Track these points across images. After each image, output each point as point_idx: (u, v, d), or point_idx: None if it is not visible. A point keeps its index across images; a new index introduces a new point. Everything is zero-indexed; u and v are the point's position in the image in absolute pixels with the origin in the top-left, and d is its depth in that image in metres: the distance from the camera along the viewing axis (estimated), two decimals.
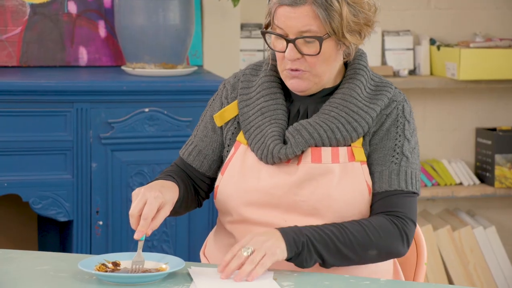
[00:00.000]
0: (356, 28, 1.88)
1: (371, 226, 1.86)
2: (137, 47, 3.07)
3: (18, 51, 3.23)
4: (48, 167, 2.90)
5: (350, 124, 1.91)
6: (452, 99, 3.85)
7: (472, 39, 3.80)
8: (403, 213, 1.89)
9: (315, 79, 1.92)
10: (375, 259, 1.89)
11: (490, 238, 3.77)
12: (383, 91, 1.95)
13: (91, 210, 2.93)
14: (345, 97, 1.93)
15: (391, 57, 3.73)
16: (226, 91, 2.04)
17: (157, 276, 1.77)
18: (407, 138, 1.94)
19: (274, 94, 1.97)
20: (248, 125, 1.97)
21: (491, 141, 3.77)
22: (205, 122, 2.06)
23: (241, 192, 1.94)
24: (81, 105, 2.90)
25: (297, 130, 1.92)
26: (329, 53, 1.89)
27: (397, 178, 1.91)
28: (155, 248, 2.97)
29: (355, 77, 1.95)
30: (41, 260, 1.89)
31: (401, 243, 1.88)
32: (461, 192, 3.73)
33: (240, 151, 1.97)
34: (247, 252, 1.76)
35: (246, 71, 2.03)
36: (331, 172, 1.90)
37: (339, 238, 1.83)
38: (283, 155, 1.91)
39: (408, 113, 1.96)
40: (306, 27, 1.86)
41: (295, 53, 1.88)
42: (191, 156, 2.05)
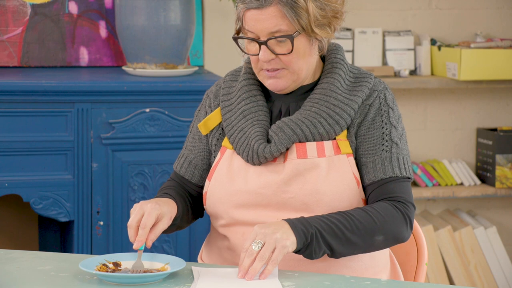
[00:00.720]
0: (325, 22, 1.90)
1: (375, 211, 1.87)
2: (138, 47, 3.07)
3: (19, 51, 3.23)
4: (49, 168, 2.90)
5: (332, 117, 1.92)
6: (453, 100, 3.85)
7: (473, 39, 3.80)
8: (403, 197, 1.91)
9: (293, 76, 1.93)
10: (381, 245, 1.89)
11: (491, 238, 3.77)
12: (363, 82, 1.96)
13: (91, 210, 2.93)
14: (324, 91, 1.95)
15: (392, 57, 3.73)
16: (209, 99, 2.06)
17: (158, 276, 1.77)
18: (394, 125, 1.95)
19: (255, 97, 1.99)
20: (231, 130, 1.98)
21: (492, 142, 3.77)
22: (193, 133, 2.07)
23: (230, 195, 1.94)
24: (82, 105, 2.90)
25: (279, 128, 1.93)
26: (302, 49, 1.90)
27: (390, 165, 1.92)
28: (155, 248, 2.96)
29: (333, 71, 1.96)
30: (42, 260, 1.89)
31: (405, 227, 1.89)
32: (462, 192, 3.73)
33: (226, 156, 1.98)
34: (257, 246, 1.77)
35: (226, 78, 2.05)
36: (318, 166, 1.91)
37: (346, 226, 1.84)
38: (268, 154, 1.91)
39: (390, 101, 1.97)
40: (275, 28, 1.88)
41: (268, 54, 1.90)
42: (183, 168, 2.06)
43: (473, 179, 3.79)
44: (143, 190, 2.97)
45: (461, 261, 3.71)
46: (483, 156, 3.83)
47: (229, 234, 1.97)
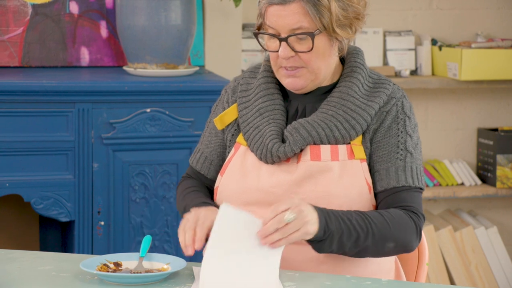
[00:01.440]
0: (346, 22, 1.89)
1: (391, 217, 1.87)
2: (138, 48, 3.07)
3: (20, 51, 3.23)
4: (49, 168, 2.90)
5: (348, 122, 1.92)
6: (454, 100, 3.85)
7: (474, 39, 3.80)
8: (415, 208, 1.91)
9: (311, 76, 1.92)
10: (391, 252, 1.89)
11: (492, 239, 3.77)
12: (381, 88, 1.96)
13: (92, 211, 2.93)
14: (342, 95, 1.94)
15: (392, 58, 3.73)
16: (227, 95, 2.05)
17: (159, 276, 1.77)
18: (409, 134, 1.95)
19: (272, 95, 1.98)
20: (247, 126, 1.97)
21: (493, 142, 3.77)
22: (209, 128, 2.08)
23: (241, 192, 1.94)
24: (82, 105, 2.90)
25: (295, 128, 1.92)
26: (322, 48, 1.90)
27: (404, 174, 1.92)
28: (156, 248, 2.97)
29: (352, 75, 1.96)
30: (43, 260, 1.89)
31: (415, 237, 1.90)
32: (462, 193, 3.73)
33: (239, 152, 1.97)
34: (289, 218, 1.76)
35: (245, 74, 2.05)
36: (331, 169, 1.90)
37: (363, 228, 1.84)
38: (282, 154, 1.91)
39: (408, 109, 1.96)
40: (297, 24, 1.87)
41: (288, 51, 1.89)
42: (199, 164, 2.06)
43: (474, 179, 3.79)
44: (144, 190, 2.97)
45: (462, 261, 3.71)
46: (484, 156, 3.83)
47: None
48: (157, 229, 2.98)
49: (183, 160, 2.97)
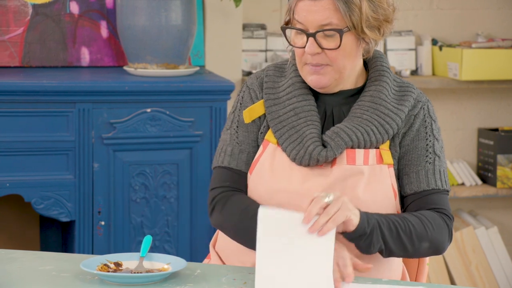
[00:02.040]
0: (375, 24, 1.89)
1: (426, 219, 1.88)
2: (139, 48, 3.07)
3: (20, 51, 3.23)
4: (50, 168, 2.90)
5: (383, 126, 1.93)
6: (454, 100, 3.85)
7: (474, 39, 3.80)
8: (446, 210, 1.94)
9: (335, 74, 1.91)
10: (425, 253, 1.91)
11: (492, 239, 3.77)
12: (408, 92, 1.97)
13: (93, 211, 2.93)
14: (374, 99, 1.94)
15: (393, 58, 3.73)
16: (254, 91, 2.00)
17: (159, 276, 1.77)
18: (436, 137, 1.97)
19: (306, 95, 1.96)
20: (279, 124, 1.95)
21: (493, 142, 3.77)
22: (235, 126, 2.00)
23: (271, 193, 1.92)
24: (83, 105, 2.90)
25: (335, 133, 1.91)
26: (349, 47, 1.89)
27: (433, 178, 1.94)
28: (157, 248, 2.96)
29: (381, 79, 1.96)
30: (43, 260, 1.89)
31: (448, 239, 1.92)
32: (463, 193, 3.73)
33: (268, 151, 1.95)
34: (328, 199, 1.76)
35: (268, 72, 2.01)
36: (362, 173, 1.91)
37: (402, 226, 1.85)
38: (323, 157, 1.90)
39: (432, 113, 1.99)
40: (326, 20, 1.86)
41: (315, 47, 1.88)
42: (240, 160, 1.97)
43: (474, 179, 3.79)
44: (144, 190, 2.97)
45: (462, 261, 3.71)
46: (484, 156, 3.83)
47: None
48: (158, 229, 2.98)
49: (183, 160, 2.97)
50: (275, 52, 3.58)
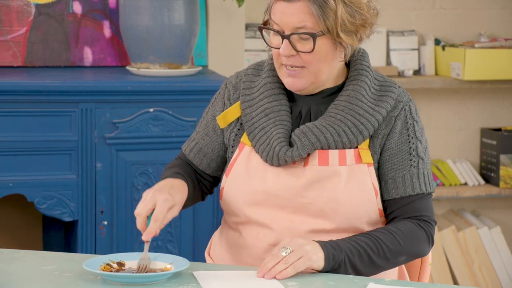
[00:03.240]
0: (352, 29, 1.88)
1: (401, 234, 1.90)
2: (142, 47, 3.07)
3: (23, 51, 3.23)
4: (53, 167, 2.90)
5: (357, 127, 1.91)
6: (457, 99, 3.85)
7: (477, 39, 3.79)
8: (428, 216, 1.95)
9: (311, 77, 1.91)
10: (403, 263, 1.95)
11: (495, 239, 3.76)
12: (388, 92, 1.95)
13: (95, 210, 2.93)
14: (350, 99, 1.93)
15: (395, 57, 3.73)
16: (228, 91, 2.04)
17: (162, 276, 1.77)
18: (419, 139, 1.96)
19: (277, 95, 1.97)
20: (251, 127, 1.96)
21: (496, 141, 3.77)
22: (206, 120, 2.07)
23: (247, 194, 1.94)
24: (86, 105, 2.91)
25: (303, 133, 1.91)
26: (324, 52, 1.89)
27: (418, 182, 1.94)
28: (159, 248, 2.97)
29: (359, 78, 1.95)
30: (46, 260, 1.89)
31: (427, 244, 1.95)
32: (466, 192, 3.73)
33: (244, 153, 1.97)
34: (285, 252, 1.79)
35: (248, 71, 2.03)
36: (338, 174, 1.90)
37: (373, 249, 1.87)
38: (289, 158, 1.91)
39: (414, 113, 1.97)
40: (300, 23, 1.86)
41: (289, 50, 1.88)
42: (192, 153, 2.07)
43: (477, 179, 3.79)
44: None
45: (465, 261, 3.71)
46: (487, 156, 3.82)
47: (243, 232, 1.97)
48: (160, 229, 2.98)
49: None
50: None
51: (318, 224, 1.90)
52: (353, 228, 1.93)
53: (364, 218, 1.92)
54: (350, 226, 1.92)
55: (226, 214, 2.02)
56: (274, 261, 1.78)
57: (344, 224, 1.91)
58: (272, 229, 1.92)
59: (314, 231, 1.91)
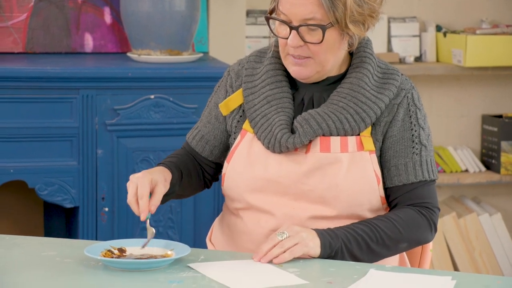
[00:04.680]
0: (360, 19, 1.88)
1: (401, 221, 1.90)
2: (142, 34, 3.06)
3: (23, 37, 3.23)
4: (54, 154, 2.90)
5: (359, 114, 1.91)
6: (458, 86, 3.84)
7: (479, 25, 3.79)
8: (430, 203, 1.95)
9: (318, 67, 1.91)
10: (405, 250, 1.95)
11: (496, 225, 3.77)
12: (391, 80, 1.95)
13: (97, 197, 2.93)
14: (353, 87, 1.93)
15: (397, 44, 3.72)
16: (231, 78, 2.04)
17: (163, 262, 1.77)
18: (421, 126, 1.96)
19: (280, 82, 1.97)
20: (253, 114, 1.97)
21: (497, 128, 3.77)
22: (209, 108, 2.07)
23: (248, 180, 1.94)
24: (86, 91, 2.90)
25: (305, 119, 1.91)
26: (332, 42, 1.89)
27: (421, 169, 1.94)
28: (160, 234, 2.97)
29: (362, 66, 1.95)
30: (47, 246, 1.90)
31: (429, 231, 1.94)
32: (466, 179, 3.73)
33: (246, 140, 1.97)
34: (281, 236, 1.80)
35: (250, 58, 2.03)
36: (340, 161, 1.90)
37: (372, 237, 1.87)
38: (291, 144, 1.91)
39: (417, 100, 1.97)
40: (310, 15, 1.86)
41: (298, 41, 1.88)
42: (194, 141, 2.08)
43: (478, 165, 3.79)
44: None
45: (466, 247, 3.72)
46: (488, 143, 3.82)
47: (244, 218, 1.97)
48: (161, 216, 2.99)
49: None
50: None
51: (319, 210, 1.91)
52: (355, 215, 1.93)
53: (365, 205, 1.92)
54: (352, 213, 1.93)
55: (227, 200, 2.03)
56: (270, 245, 1.79)
57: (346, 211, 1.91)
58: (273, 215, 1.93)
59: (315, 217, 1.92)
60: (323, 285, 1.68)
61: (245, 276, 1.72)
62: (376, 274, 1.74)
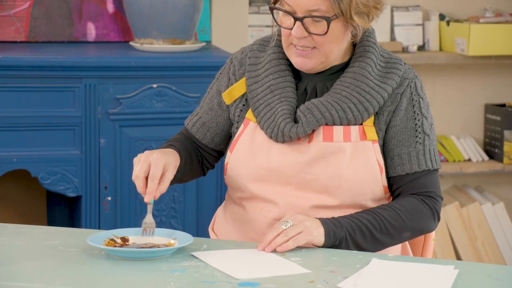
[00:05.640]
0: (365, 10, 1.88)
1: (404, 210, 1.91)
2: (145, 23, 3.06)
3: (26, 26, 3.22)
4: (56, 143, 2.90)
5: (362, 104, 1.91)
6: (461, 75, 3.84)
7: (482, 14, 3.78)
8: (433, 192, 1.95)
9: (322, 58, 1.91)
10: (408, 239, 1.95)
11: (498, 214, 3.77)
12: (394, 69, 1.95)
13: (99, 186, 2.94)
14: (356, 76, 1.93)
15: (400, 33, 3.71)
16: (234, 67, 2.03)
17: (166, 251, 1.77)
18: (424, 115, 1.96)
19: (283, 72, 1.97)
20: (257, 103, 1.96)
21: (500, 117, 3.76)
22: (211, 95, 2.07)
23: (251, 170, 1.94)
24: (89, 80, 2.90)
25: (308, 109, 1.91)
26: (336, 33, 1.88)
27: (424, 158, 1.94)
28: (163, 223, 2.97)
29: (365, 55, 1.95)
30: (50, 235, 1.90)
31: (433, 220, 1.95)
32: (469, 168, 3.72)
33: (249, 129, 1.97)
34: (285, 225, 1.81)
35: (253, 47, 2.03)
36: (343, 151, 1.90)
37: (375, 226, 1.88)
38: (294, 134, 1.91)
39: (420, 89, 1.97)
40: (315, 6, 1.85)
41: (302, 32, 1.88)
42: (195, 127, 2.07)
43: (481, 155, 3.79)
44: None
45: (468, 237, 3.72)
46: (491, 132, 3.82)
47: (247, 207, 1.97)
48: (164, 205, 2.99)
49: None
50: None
51: (321, 200, 1.91)
52: (357, 205, 1.93)
53: (368, 195, 1.92)
54: (354, 203, 1.93)
55: (230, 189, 2.03)
56: (274, 234, 1.80)
57: (348, 200, 1.92)
58: (275, 205, 1.93)
59: (318, 206, 1.92)
60: (326, 274, 1.68)
61: (248, 265, 1.72)
62: (378, 263, 1.74)
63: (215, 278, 1.65)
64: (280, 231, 1.80)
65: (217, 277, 1.66)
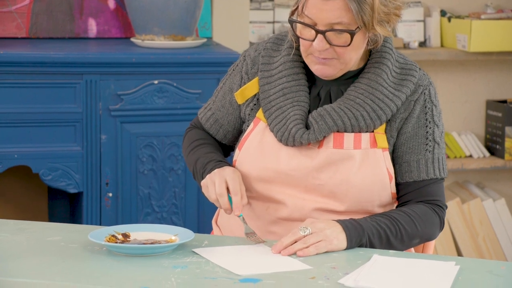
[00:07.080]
0: (385, 18, 1.86)
1: (418, 217, 1.91)
2: (146, 19, 3.06)
3: (27, 22, 3.22)
4: (57, 139, 2.90)
5: (375, 112, 1.91)
6: (463, 71, 3.84)
7: (483, 10, 3.77)
8: (440, 201, 1.95)
9: (341, 66, 1.89)
10: (414, 246, 1.95)
11: (500, 211, 3.77)
12: (409, 76, 1.94)
13: (100, 182, 2.94)
14: (371, 83, 1.91)
15: (401, 29, 3.71)
16: (246, 65, 2.01)
17: (167, 248, 1.77)
18: (436, 123, 1.95)
19: (297, 75, 1.95)
20: (268, 104, 1.95)
21: (502, 113, 3.76)
22: (223, 91, 2.05)
23: (259, 170, 1.93)
24: (90, 77, 2.90)
25: (320, 115, 1.90)
26: (357, 43, 1.87)
27: (432, 166, 1.94)
28: (164, 220, 2.98)
29: (381, 61, 1.93)
30: (51, 231, 1.90)
31: (439, 228, 1.95)
32: (471, 165, 3.72)
33: (259, 128, 1.96)
34: (304, 232, 1.79)
35: (267, 45, 2.00)
36: (352, 158, 1.90)
37: (392, 231, 1.87)
38: (305, 140, 1.90)
39: (434, 97, 1.96)
40: (337, 19, 1.83)
41: (324, 44, 1.85)
42: (208, 123, 2.07)
43: (482, 151, 3.79)
44: (151, 162, 2.97)
45: (470, 233, 3.72)
46: (493, 128, 3.82)
47: (253, 204, 1.97)
48: (165, 201, 2.99)
49: None
50: (282, 23, 3.56)
51: (328, 204, 1.91)
52: (364, 210, 1.93)
53: (375, 202, 1.92)
54: (361, 209, 1.92)
55: None
56: (292, 239, 1.78)
57: (354, 206, 1.91)
58: (282, 205, 1.93)
59: (323, 209, 1.91)
60: (327, 270, 1.68)
61: (249, 261, 1.72)
62: (380, 259, 1.74)
63: (217, 274, 1.65)
64: (299, 237, 1.78)
65: (218, 273, 1.66)
